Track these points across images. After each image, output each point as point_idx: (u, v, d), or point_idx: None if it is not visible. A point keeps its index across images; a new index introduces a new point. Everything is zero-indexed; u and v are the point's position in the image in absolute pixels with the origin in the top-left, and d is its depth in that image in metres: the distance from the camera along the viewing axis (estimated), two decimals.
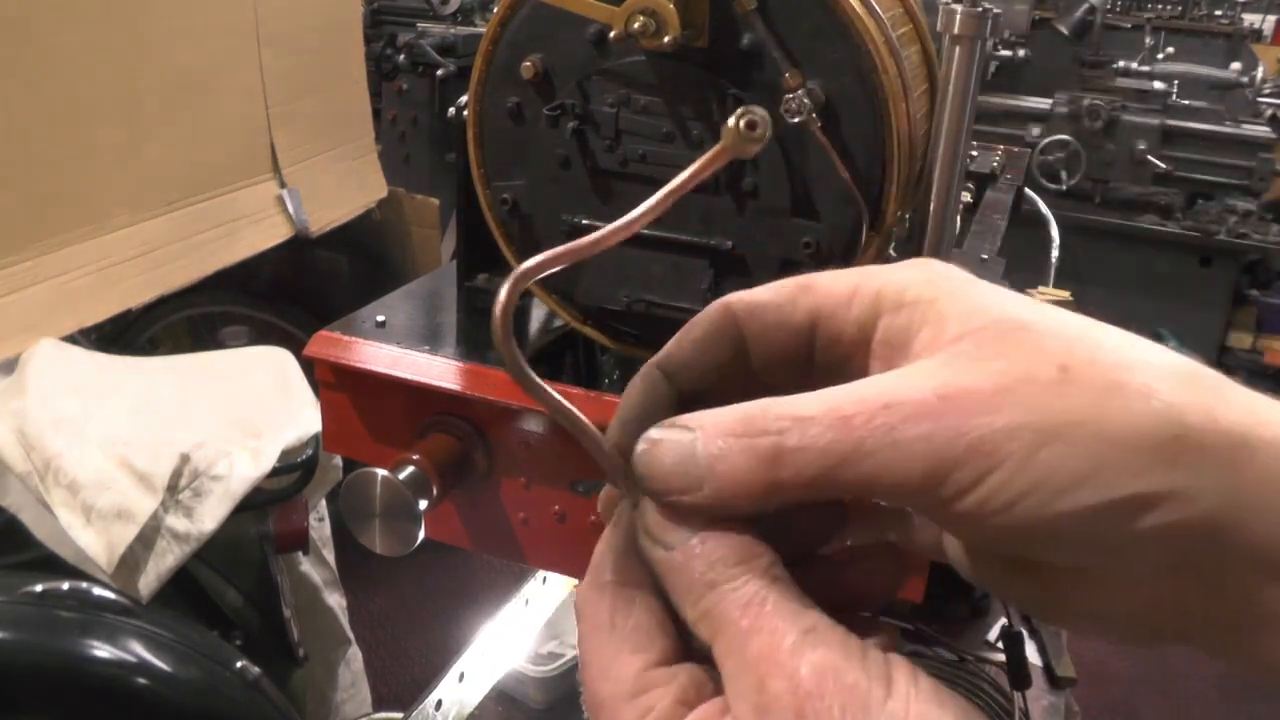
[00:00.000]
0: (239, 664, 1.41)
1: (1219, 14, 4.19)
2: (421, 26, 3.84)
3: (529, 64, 0.73)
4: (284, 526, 1.63)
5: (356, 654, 1.99)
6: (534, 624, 1.36)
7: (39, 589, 1.32)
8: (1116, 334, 0.32)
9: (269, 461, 1.53)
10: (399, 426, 0.78)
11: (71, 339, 1.81)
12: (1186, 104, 3.94)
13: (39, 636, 1.30)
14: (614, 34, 0.68)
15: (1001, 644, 0.93)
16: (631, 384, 0.36)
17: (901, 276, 0.35)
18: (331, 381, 0.80)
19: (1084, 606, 0.33)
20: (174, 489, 1.44)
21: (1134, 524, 0.29)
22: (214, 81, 2.19)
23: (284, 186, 2.36)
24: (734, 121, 0.34)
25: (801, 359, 0.36)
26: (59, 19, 1.83)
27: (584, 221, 0.75)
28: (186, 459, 1.46)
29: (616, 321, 0.79)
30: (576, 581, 1.23)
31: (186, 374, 1.77)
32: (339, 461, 1.72)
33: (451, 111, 0.81)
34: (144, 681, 1.32)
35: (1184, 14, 4.21)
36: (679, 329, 0.37)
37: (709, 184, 0.71)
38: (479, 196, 0.79)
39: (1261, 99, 3.97)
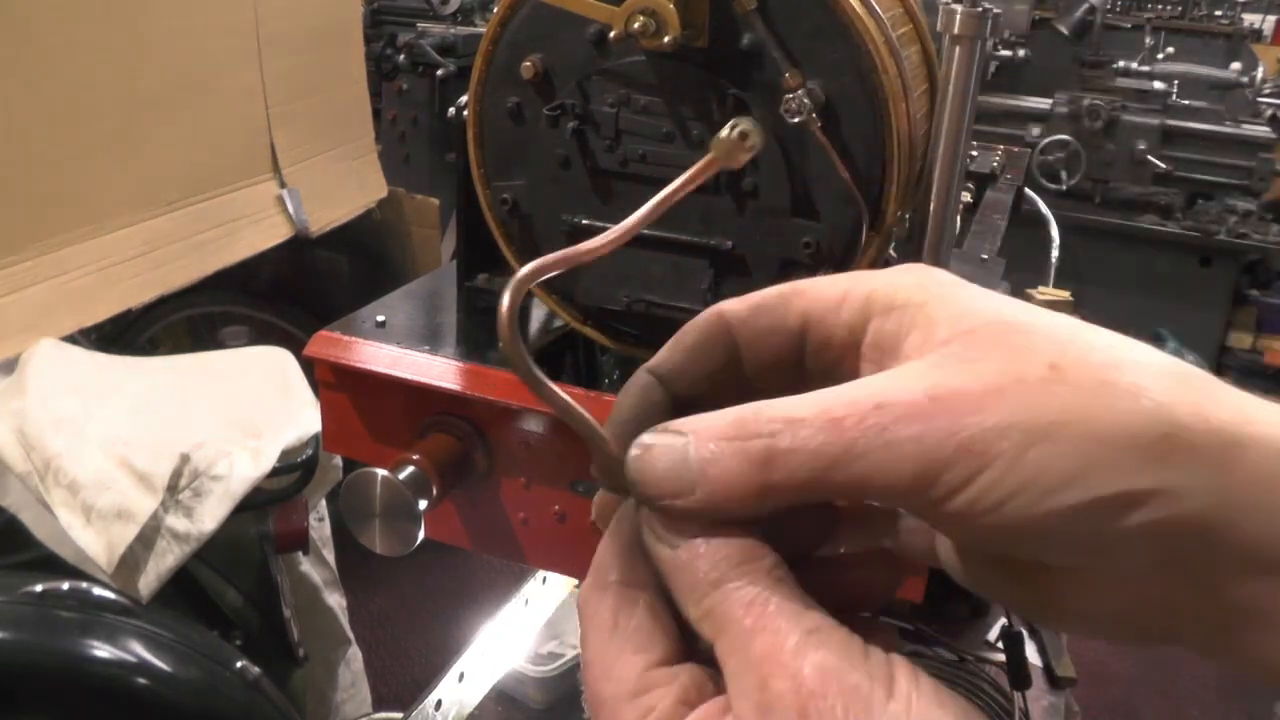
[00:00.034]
0: (239, 664, 1.41)
1: (1219, 14, 4.19)
2: (421, 26, 3.84)
3: (529, 64, 0.73)
4: (284, 526, 1.63)
5: (356, 654, 1.98)
6: (534, 624, 1.36)
7: (39, 589, 1.32)
8: (1107, 335, 0.32)
9: (269, 461, 1.53)
10: (399, 426, 0.78)
11: (71, 339, 1.81)
12: (1186, 104, 3.94)
13: (39, 636, 1.30)
14: (614, 34, 0.68)
15: (1001, 644, 0.94)
16: (625, 389, 0.37)
17: (891, 280, 0.35)
18: (331, 381, 0.80)
19: (1072, 606, 0.33)
20: (174, 489, 1.44)
21: (1122, 521, 0.29)
22: (214, 81, 2.19)
23: (284, 186, 2.36)
24: (726, 132, 0.34)
25: (793, 364, 0.36)
26: (59, 19, 1.83)
27: (584, 222, 0.75)
28: (186, 459, 1.46)
29: (616, 321, 0.79)
30: (576, 582, 1.23)
31: (186, 374, 1.77)
32: (339, 461, 1.72)
33: (451, 111, 0.81)
34: (144, 681, 1.32)
35: (1184, 14, 4.21)
36: (679, 329, 0.37)
37: (709, 184, 0.71)
38: (479, 196, 0.79)
39: (1261, 99, 3.97)
